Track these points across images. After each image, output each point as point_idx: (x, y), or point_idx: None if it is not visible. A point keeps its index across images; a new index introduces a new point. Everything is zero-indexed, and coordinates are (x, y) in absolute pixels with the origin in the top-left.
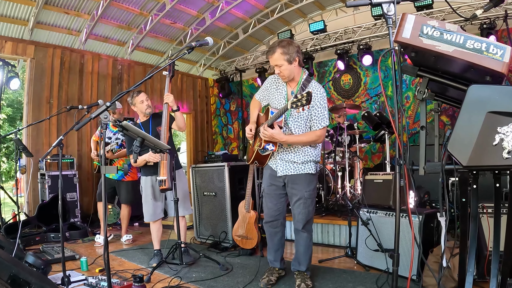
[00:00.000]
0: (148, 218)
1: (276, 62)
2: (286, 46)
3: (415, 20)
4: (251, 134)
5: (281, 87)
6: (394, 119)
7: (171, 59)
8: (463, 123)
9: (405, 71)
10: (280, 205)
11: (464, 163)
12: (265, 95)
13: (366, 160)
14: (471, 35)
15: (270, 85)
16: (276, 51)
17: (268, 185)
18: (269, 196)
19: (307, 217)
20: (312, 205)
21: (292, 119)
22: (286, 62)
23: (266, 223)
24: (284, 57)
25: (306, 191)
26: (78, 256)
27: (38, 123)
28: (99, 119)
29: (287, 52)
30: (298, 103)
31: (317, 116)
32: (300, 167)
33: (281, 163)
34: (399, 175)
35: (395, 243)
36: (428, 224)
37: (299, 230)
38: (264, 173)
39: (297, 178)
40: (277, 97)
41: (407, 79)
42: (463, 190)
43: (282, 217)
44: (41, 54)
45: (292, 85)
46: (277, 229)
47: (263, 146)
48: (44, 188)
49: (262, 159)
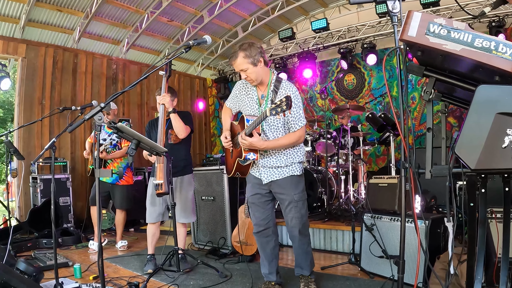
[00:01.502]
0: (147, 218)
1: (241, 66)
2: (247, 49)
3: (421, 17)
4: (228, 141)
5: (251, 92)
6: (400, 120)
7: (168, 58)
8: (471, 124)
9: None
10: (268, 212)
11: (472, 166)
12: (235, 102)
13: (370, 163)
14: (479, 33)
15: (240, 91)
16: (238, 56)
17: (251, 194)
18: (254, 205)
19: (300, 221)
20: (304, 207)
21: (268, 124)
22: (251, 65)
23: (257, 233)
24: (247, 60)
25: (294, 193)
26: (71, 263)
27: (30, 124)
28: (93, 120)
29: (250, 55)
30: (278, 109)
31: (294, 117)
32: (285, 170)
33: (265, 170)
34: (404, 179)
35: (401, 250)
36: (434, 229)
37: (295, 235)
38: (247, 182)
39: (283, 182)
40: (248, 103)
41: (413, 79)
42: (471, 194)
43: (272, 224)
44: (33, 53)
45: (262, 88)
46: (269, 237)
47: (244, 157)
48: (36, 192)
49: (243, 169)
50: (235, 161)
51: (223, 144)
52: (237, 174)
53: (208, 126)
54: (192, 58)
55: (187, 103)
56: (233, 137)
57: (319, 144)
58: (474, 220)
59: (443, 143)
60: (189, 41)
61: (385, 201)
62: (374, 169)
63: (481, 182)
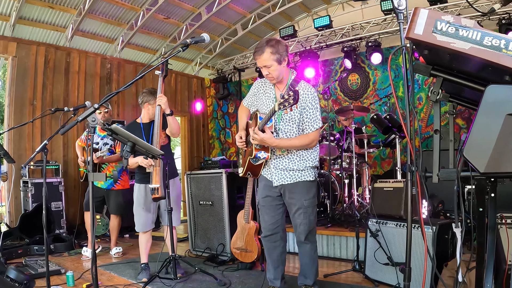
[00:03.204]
0: (139, 227)
1: (265, 62)
2: (275, 45)
3: (428, 15)
4: (242, 141)
5: (269, 91)
6: (406, 122)
7: (164, 57)
8: (480, 126)
9: (417, 70)
10: (278, 216)
11: (481, 169)
12: (253, 100)
13: (375, 167)
14: (489, 31)
15: (258, 90)
16: (265, 51)
17: (263, 196)
18: (265, 208)
19: (309, 227)
20: (313, 214)
21: (284, 123)
22: (276, 63)
23: (264, 237)
24: (273, 57)
25: (305, 199)
26: (64, 270)
27: (21, 126)
28: (87, 122)
29: (277, 52)
30: (286, 103)
31: (309, 118)
32: (297, 174)
33: (276, 172)
34: (411, 183)
35: (407, 256)
36: (442, 235)
37: (302, 241)
38: (259, 184)
39: (295, 186)
40: (265, 102)
41: (420, 79)
42: (480, 199)
43: (281, 230)
44: (24, 52)
45: (281, 87)
46: (276, 243)
47: (254, 155)
48: (27, 196)
49: (255, 169)
50: (246, 160)
51: (237, 144)
52: (249, 174)
53: (206, 128)
54: (189, 57)
55: (184, 104)
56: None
57: (321, 146)
58: (483, 225)
59: (451, 146)
60: (187, 39)
61: (390, 206)
62: (379, 173)
63: (491, 186)
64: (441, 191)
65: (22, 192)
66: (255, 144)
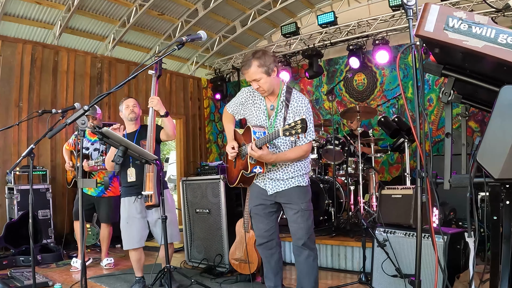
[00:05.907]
0: (126, 245)
1: (254, 76)
2: (262, 57)
3: (439, 11)
4: (235, 153)
5: (258, 102)
6: (415, 125)
7: (158, 56)
8: (494, 129)
9: (427, 69)
10: (272, 223)
11: (495, 175)
12: (239, 109)
13: (382, 172)
14: (504, 28)
15: (246, 100)
16: (252, 64)
17: (255, 204)
18: (258, 216)
19: (307, 231)
20: (310, 218)
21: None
22: (265, 75)
23: (260, 245)
24: (261, 69)
25: (302, 202)
26: (52, 282)
27: (6, 129)
28: (76, 125)
29: (264, 64)
30: (293, 131)
31: None
32: (291, 181)
33: (270, 182)
34: (420, 190)
35: (416, 268)
36: (454, 245)
37: (300, 247)
38: (251, 192)
39: (289, 191)
40: (255, 113)
41: (430, 79)
42: (494, 206)
43: (276, 236)
44: (9, 51)
45: (272, 99)
46: (273, 250)
47: (250, 170)
48: (13, 204)
49: (248, 180)
50: (239, 172)
51: (229, 155)
52: (240, 184)
53: (203, 131)
54: (185, 55)
55: (180, 106)
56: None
57: (326, 151)
58: (497, 235)
59: (464, 150)
60: (182, 37)
61: (399, 214)
62: (386, 179)
63: (506, 193)
64: (453, 199)
65: (7, 199)
66: (250, 159)
